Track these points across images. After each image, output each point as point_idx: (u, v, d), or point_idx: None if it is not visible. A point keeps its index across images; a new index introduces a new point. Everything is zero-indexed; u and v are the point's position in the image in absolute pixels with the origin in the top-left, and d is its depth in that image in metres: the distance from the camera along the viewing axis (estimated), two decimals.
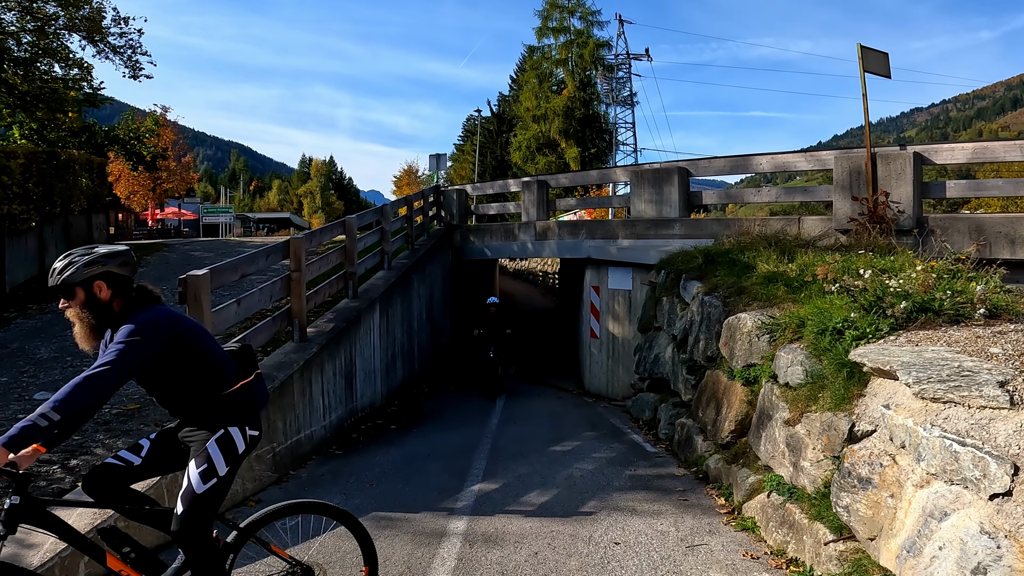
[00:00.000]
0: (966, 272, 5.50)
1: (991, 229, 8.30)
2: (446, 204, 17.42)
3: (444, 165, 26.48)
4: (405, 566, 4.42)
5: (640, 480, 6.44)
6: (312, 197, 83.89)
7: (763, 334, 5.84)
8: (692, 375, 7.59)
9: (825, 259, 6.66)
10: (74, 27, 14.83)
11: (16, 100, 14.77)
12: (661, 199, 11.99)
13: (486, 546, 4.74)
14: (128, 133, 23.24)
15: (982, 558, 2.82)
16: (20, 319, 9.73)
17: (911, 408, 3.54)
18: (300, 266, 7.64)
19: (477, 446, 7.94)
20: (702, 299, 7.63)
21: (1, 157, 11.35)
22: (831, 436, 4.25)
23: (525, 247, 15.19)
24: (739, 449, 5.85)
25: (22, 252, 12.18)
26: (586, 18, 43.31)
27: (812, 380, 4.80)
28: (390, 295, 11.06)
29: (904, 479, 3.49)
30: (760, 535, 4.81)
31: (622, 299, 12.57)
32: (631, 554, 4.57)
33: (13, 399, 6.39)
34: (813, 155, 11.02)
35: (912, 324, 4.70)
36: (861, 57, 8.94)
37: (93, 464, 4.88)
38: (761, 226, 9.62)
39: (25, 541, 3.84)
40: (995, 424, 3.08)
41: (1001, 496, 2.86)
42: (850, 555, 3.81)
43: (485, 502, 5.79)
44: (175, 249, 16.53)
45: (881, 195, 8.74)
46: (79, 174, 14.81)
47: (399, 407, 10.34)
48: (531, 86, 43.89)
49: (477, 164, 43.57)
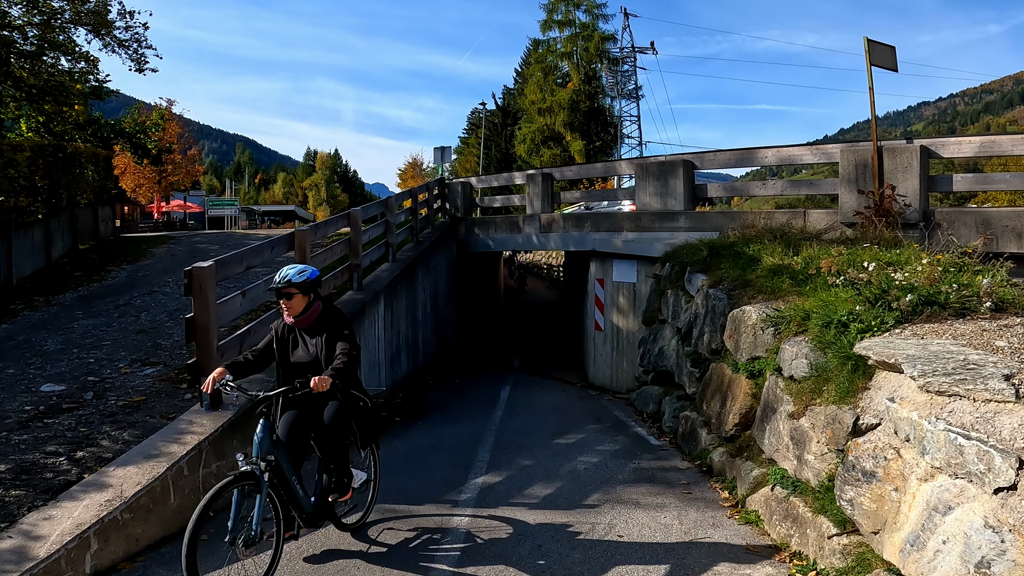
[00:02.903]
0: (972, 265, 5.48)
1: (998, 223, 8.26)
2: (451, 197, 17.41)
3: (449, 158, 26.43)
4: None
5: (644, 473, 6.44)
6: (317, 190, 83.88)
7: (768, 327, 5.82)
8: (696, 368, 7.58)
9: (830, 252, 6.64)
10: (80, 21, 14.82)
11: (23, 93, 14.79)
12: (666, 192, 11.96)
13: (490, 538, 4.75)
14: (134, 127, 23.26)
15: (986, 552, 2.82)
16: (27, 311, 9.77)
17: (916, 401, 3.53)
18: (305, 258, 7.64)
19: (481, 438, 7.95)
20: (707, 292, 7.62)
21: (8, 150, 11.38)
22: (835, 429, 4.24)
23: (530, 239, 15.18)
24: (743, 442, 5.85)
25: (28, 244, 12.23)
26: (591, 11, 43.24)
27: (817, 373, 4.79)
28: (395, 288, 11.07)
29: (908, 473, 3.48)
30: (764, 528, 4.81)
31: (627, 292, 12.55)
32: (634, 547, 4.58)
33: (20, 391, 6.42)
34: (819, 148, 10.96)
35: (917, 317, 4.68)
36: (868, 51, 8.88)
37: (99, 456, 4.92)
38: (766, 219, 9.59)
39: (32, 533, 3.86)
40: (1000, 418, 3.06)
41: (1006, 490, 2.86)
42: (853, 549, 3.80)
43: (489, 494, 5.80)
44: (181, 241, 16.57)
45: (887, 188, 8.69)
46: (85, 167, 14.85)
47: (404, 399, 10.36)
48: (536, 79, 43.79)
49: (482, 157, 43.52)
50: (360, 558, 4.41)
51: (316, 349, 4.29)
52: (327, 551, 4.48)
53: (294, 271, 4.29)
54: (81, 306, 10.00)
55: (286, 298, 4.26)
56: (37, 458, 4.90)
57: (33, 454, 4.96)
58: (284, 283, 4.22)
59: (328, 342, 4.26)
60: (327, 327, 4.31)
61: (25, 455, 4.95)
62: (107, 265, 13.16)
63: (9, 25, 13.60)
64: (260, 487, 3.79)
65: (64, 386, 6.49)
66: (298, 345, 4.36)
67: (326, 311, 4.40)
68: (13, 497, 4.32)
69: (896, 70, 9.25)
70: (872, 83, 9.04)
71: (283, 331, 4.40)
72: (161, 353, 7.52)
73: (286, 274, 4.25)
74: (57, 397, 6.21)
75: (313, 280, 4.33)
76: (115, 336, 8.31)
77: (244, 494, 3.79)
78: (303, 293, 4.27)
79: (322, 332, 4.30)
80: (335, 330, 4.30)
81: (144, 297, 10.43)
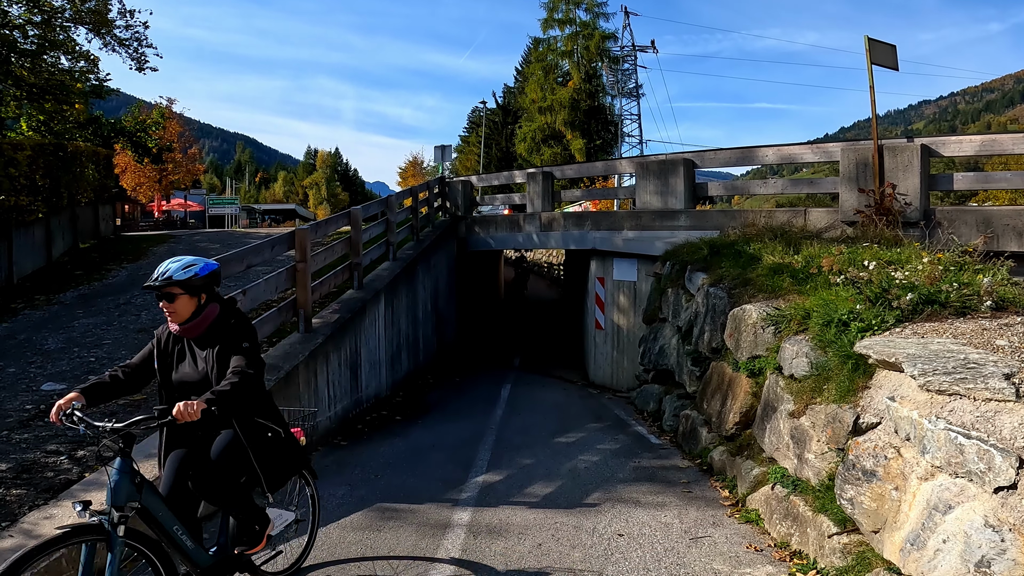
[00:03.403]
0: (973, 264, 5.48)
1: (999, 221, 8.25)
2: (451, 195, 17.40)
3: (449, 156, 26.45)
4: (410, 557, 4.44)
5: (644, 472, 6.45)
6: (318, 188, 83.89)
7: (768, 326, 5.82)
8: (697, 367, 7.58)
9: (831, 251, 6.64)
10: (80, 20, 14.84)
11: (24, 92, 14.81)
12: (666, 190, 11.95)
13: (490, 537, 4.76)
14: (135, 125, 23.28)
15: (986, 551, 2.82)
16: (27, 310, 9.78)
17: (916, 400, 3.53)
18: (305, 257, 7.65)
19: (482, 437, 7.96)
20: (707, 290, 7.62)
21: (8, 149, 11.39)
22: (836, 428, 4.24)
23: (530, 238, 15.18)
24: (743, 441, 5.85)
25: (29, 243, 12.24)
26: (592, 10, 43.23)
27: (817, 372, 4.79)
28: (395, 286, 11.07)
29: (909, 472, 3.48)
30: (764, 527, 4.81)
31: (627, 290, 12.55)
32: (635, 546, 4.58)
33: (21, 390, 6.43)
34: (820, 147, 10.95)
35: (918, 316, 4.68)
36: (868, 49, 8.87)
37: (100, 455, 4.92)
38: (767, 218, 9.59)
39: (33, 532, 3.87)
40: (1000, 417, 3.06)
41: (1006, 489, 2.86)
42: (854, 548, 3.80)
43: (489, 493, 5.80)
44: (181, 240, 16.58)
45: (888, 187, 8.69)
46: (86, 166, 14.86)
47: (404, 398, 10.37)
48: (536, 78, 43.80)
49: (482, 155, 43.54)
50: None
51: (207, 365, 3.35)
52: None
53: (177, 265, 3.34)
54: (82, 305, 10.01)
55: (167, 300, 3.32)
56: (38, 457, 4.91)
57: (34, 453, 4.97)
58: (163, 280, 3.28)
59: (220, 356, 3.31)
60: (222, 337, 3.36)
61: (26, 454, 4.95)
62: (108, 264, 13.17)
63: (9, 24, 13.61)
64: (112, 544, 2.88)
65: (65, 385, 6.49)
66: (185, 359, 3.42)
67: (224, 316, 3.45)
68: (14, 496, 4.32)
69: (897, 68, 9.24)
70: (873, 82, 9.04)
71: (167, 341, 3.46)
72: None
73: (166, 269, 3.32)
74: (58, 396, 6.19)
75: (206, 276, 3.37)
76: (116, 335, 8.31)
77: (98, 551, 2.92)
78: (190, 294, 3.33)
79: (215, 343, 3.35)
80: (231, 341, 3.34)
81: (145, 296, 10.44)
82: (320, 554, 4.42)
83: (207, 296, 3.41)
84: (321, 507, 4.33)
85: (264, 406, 3.59)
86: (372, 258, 11.16)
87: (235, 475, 3.41)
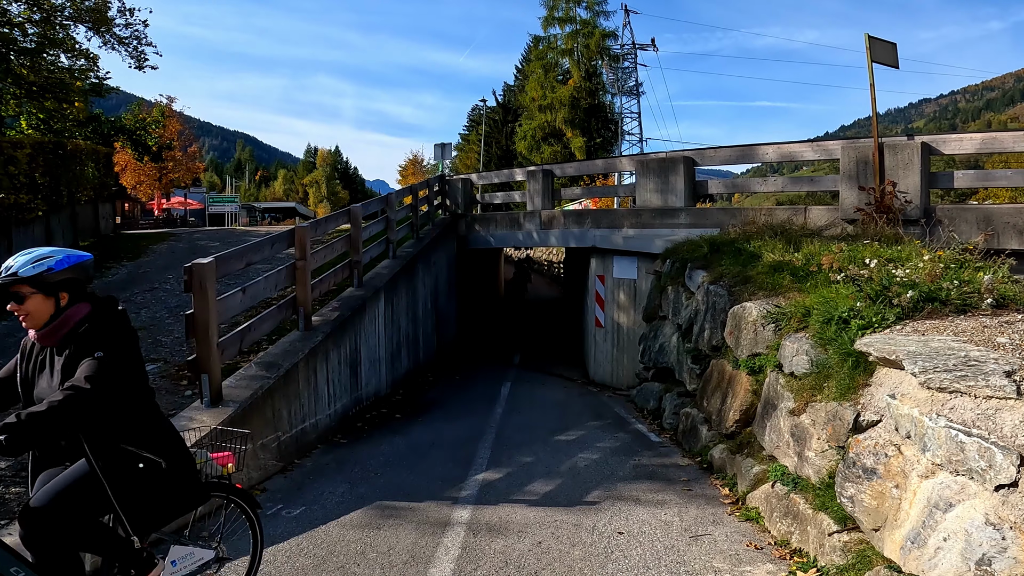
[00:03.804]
0: (974, 262, 5.47)
1: (999, 219, 8.25)
2: (451, 193, 17.39)
3: (449, 154, 26.42)
4: (409, 555, 4.43)
5: (644, 470, 6.44)
6: (318, 187, 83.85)
7: (768, 323, 5.82)
8: (697, 364, 7.57)
9: (831, 249, 6.62)
10: (80, 18, 14.85)
11: (23, 90, 14.81)
12: (667, 188, 11.93)
13: (490, 535, 4.75)
14: (134, 124, 23.28)
15: (987, 549, 2.81)
16: None
17: (917, 398, 3.53)
18: (305, 255, 7.64)
19: (482, 435, 7.96)
20: (707, 288, 7.61)
21: (8, 147, 11.39)
22: (836, 426, 4.24)
23: (530, 236, 15.16)
24: (744, 439, 5.85)
25: (29, 242, 12.21)
26: (592, 8, 43.11)
27: (817, 370, 4.78)
28: (395, 284, 11.06)
29: (909, 470, 3.48)
30: (764, 525, 4.81)
31: (627, 288, 12.54)
32: (635, 544, 4.58)
33: None
34: (820, 145, 10.93)
35: (919, 314, 4.68)
36: (869, 47, 8.86)
37: None
38: (767, 216, 9.57)
39: None
40: (1001, 414, 3.06)
41: (1007, 487, 2.85)
42: (854, 546, 3.80)
43: (489, 491, 5.80)
44: (182, 238, 16.57)
45: (888, 185, 8.67)
46: (85, 164, 14.86)
47: (404, 396, 10.37)
48: (537, 76, 43.72)
49: (482, 154, 43.46)
50: None
51: (60, 378, 2.67)
52: None
53: (27, 258, 2.66)
54: None
55: (15, 300, 2.66)
56: None
57: None
58: (6, 277, 2.63)
59: (66, 367, 2.65)
60: (73, 341, 2.68)
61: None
62: (107, 262, 13.15)
63: (9, 22, 13.60)
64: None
65: None
66: (43, 372, 2.76)
67: (92, 318, 2.73)
68: (13, 494, 4.32)
69: (897, 67, 9.23)
70: (873, 80, 9.02)
71: (30, 351, 2.82)
72: (161, 350, 7.53)
73: (11, 263, 2.66)
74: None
75: (65, 271, 2.69)
76: None
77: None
78: (44, 293, 2.66)
79: (66, 350, 2.68)
80: (82, 347, 2.64)
81: (144, 294, 10.44)
82: (320, 552, 4.41)
83: (69, 296, 2.72)
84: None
85: (138, 430, 2.82)
86: (372, 256, 11.15)
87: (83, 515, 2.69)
